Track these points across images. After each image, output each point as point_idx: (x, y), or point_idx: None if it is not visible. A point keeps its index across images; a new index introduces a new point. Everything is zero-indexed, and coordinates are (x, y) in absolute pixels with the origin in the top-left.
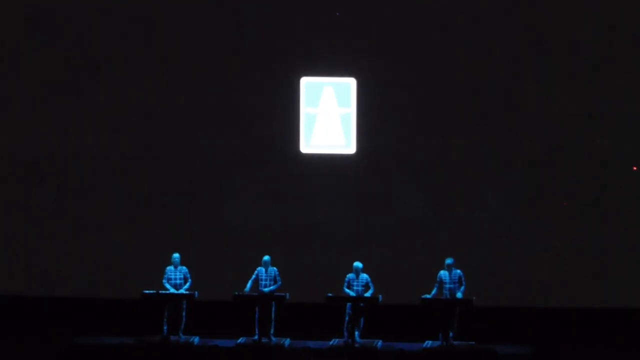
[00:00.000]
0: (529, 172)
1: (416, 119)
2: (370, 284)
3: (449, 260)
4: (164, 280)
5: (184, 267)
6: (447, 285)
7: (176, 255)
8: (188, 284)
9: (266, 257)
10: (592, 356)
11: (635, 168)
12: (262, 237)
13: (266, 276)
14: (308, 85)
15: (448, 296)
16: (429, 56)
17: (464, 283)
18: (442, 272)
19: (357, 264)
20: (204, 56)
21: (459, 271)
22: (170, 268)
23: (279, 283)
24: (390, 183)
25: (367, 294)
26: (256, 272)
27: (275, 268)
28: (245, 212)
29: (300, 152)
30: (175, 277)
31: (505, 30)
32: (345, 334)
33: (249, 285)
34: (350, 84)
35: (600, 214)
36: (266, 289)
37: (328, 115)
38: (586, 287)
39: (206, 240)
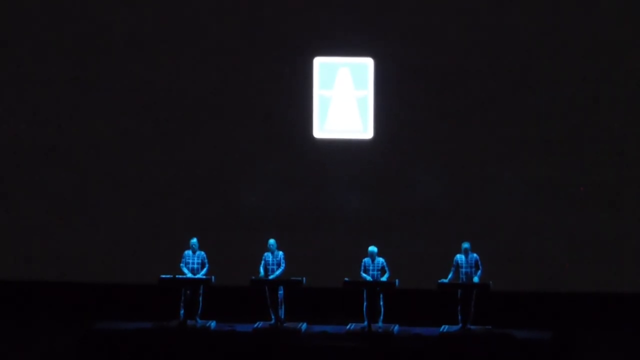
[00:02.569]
0: (547, 157)
1: (435, 102)
2: (386, 268)
3: (465, 244)
4: (181, 265)
5: (202, 252)
6: (464, 269)
7: (194, 240)
8: (205, 269)
9: (271, 241)
10: (610, 341)
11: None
12: (278, 222)
13: (273, 260)
14: (322, 66)
15: (465, 280)
16: (449, 37)
17: (480, 267)
18: (458, 255)
19: (372, 249)
20: (213, 37)
21: (475, 255)
22: (188, 253)
23: (283, 267)
24: (408, 168)
25: (383, 278)
26: (264, 257)
27: (281, 252)
28: (261, 197)
29: (314, 137)
30: (193, 261)
31: (525, 12)
32: (366, 318)
33: (261, 270)
34: (367, 64)
35: (618, 198)
36: (271, 275)
37: (343, 98)
38: (604, 271)
39: (223, 226)
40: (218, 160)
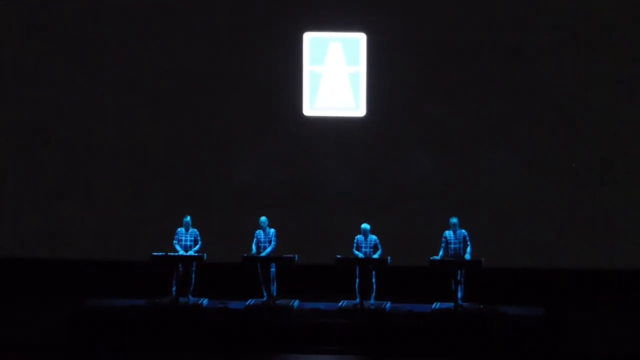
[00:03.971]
0: (539, 133)
1: (429, 78)
2: (379, 245)
3: (453, 220)
4: (174, 242)
5: (195, 230)
6: (452, 245)
7: (187, 217)
8: (198, 246)
9: (262, 219)
10: (601, 318)
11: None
12: (270, 200)
13: (265, 238)
14: (313, 40)
15: (453, 256)
16: (443, 12)
17: (469, 243)
18: (447, 232)
19: (365, 226)
20: (202, 13)
21: (463, 231)
22: (181, 230)
23: (274, 244)
24: (400, 146)
25: (375, 255)
26: (255, 234)
27: (273, 230)
28: (253, 174)
29: (304, 115)
30: (186, 239)
31: None
32: (358, 295)
33: (253, 248)
34: (359, 39)
35: (610, 174)
36: (263, 253)
37: (335, 75)
38: (596, 248)
39: (214, 203)
40: (209, 138)
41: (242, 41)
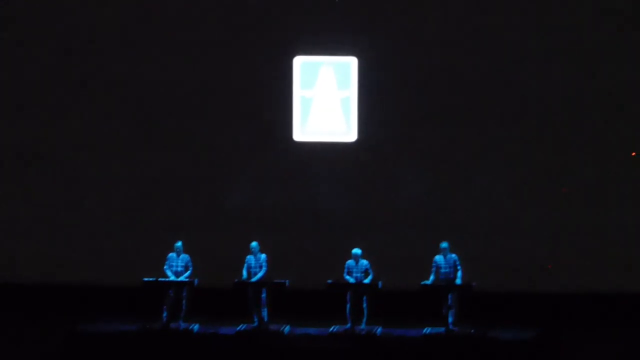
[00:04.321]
0: (530, 157)
1: (420, 102)
2: (370, 270)
3: (443, 244)
4: (165, 267)
5: (186, 255)
6: (443, 270)
7: (179, 243)
8: (189, 272)
9: (253, 244)
10: (594, 340)
11: (634, 154)
12: (261, 225)
13: (255, 263)
14: (303, 65)
15: (443, 280)
16: (434, 37)
17: (459, 268)
18: (437, 256)
19: (356, 251)
20: (194, 37)
21: (454, 255)
22: (172, 255)
23: (265, 269)
24: (392, 170)
25: (366, 280)
26: (246, 259)
27: (264, 255)
28: (244, 199)
29: (294, 140)
30: (177, 264)
31: (510, 14)
32: (349, 320)
33: (244, 273)
34: (350, 63)
35: (601, 198)
36: (254, 278)
37: (326, 99)
38: (587, 271)
39: (206, 227)
40: (200, 163)
41: (232, 66)
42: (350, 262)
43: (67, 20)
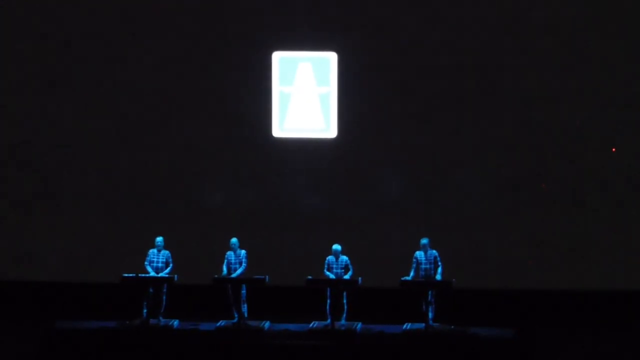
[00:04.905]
0: (509, 154)
1: (400, 99)
2: (350, 266)
3: (424, 241)
4: (145, 263)
5: (167, 251)
6: (423, 266)
7: (159, 238)
8: (169, 268)
9: (233, 240)
10: (572, 338)
11: (614, 149)
12: (240, 221)
13: (235, 259)
14: (282, 60)
15: (423, 276)
16: (414, 32)
17: (440, 264)
18: (417, 252)
19: (336, 247)
20: (171, 32)
21: (434, 252)
22: (153, 251)
23: (244, 265)
24: (371, 167)
25: (346, 276)
26: (226, 255)
27: (244, 251)
28: (223, 195)
29: (273, 137)
30: (157, 260)
31: (489, 9)
32: (329, 316)
33: (224, 269)
34: (330, 59)
35: (580, 195)
36: (233, 274)
37: (305, 95)
38: (566, 269)
39: (185, 224)
40: (179, 159)
41: (209, 61)
42: (330, 258)
43: (49, 17)
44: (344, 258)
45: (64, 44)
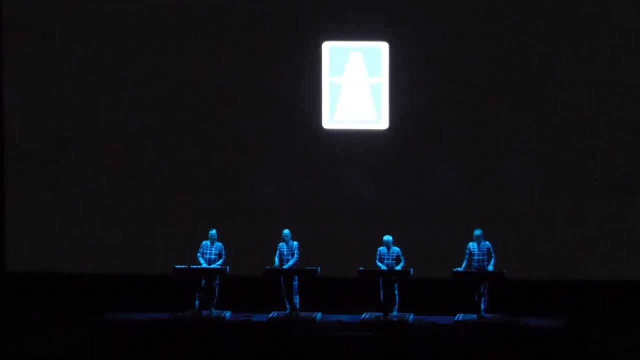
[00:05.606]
0: (561, 144)
1: (452, 89)
2: (402, 257)
3: (477, 232)
4: (198, 255)
5: (220, 244)
6: (476, 257)
7: (213, 231)
8: (222, 260)
9: (285, 231)
10: (623, 330)
11: None
12: (292, 213)
13: (288, 251)
14: (333, 50)
15: (477, 268)
16: (467, 22)
17: (493, 256)
18: (471, 244)
19: (388, 238)
20: (220, 24)
21: (488, 243)
22: (206, 243)
23: (297, 257)
24: (423, 159)
25: (398, 267)
26: (279, 247)
27: (296, 242)
28: (275, 187)
29: (323, 128)
30: (211, 252)
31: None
32: (382, 308)
33: (276, 261)
34: (381, 49)
35: (632, 185)
36: (286, 265)
37: (356, 86)
38: (618, 259)
39: (237, 216)
40: (230, 151)
41: (259, 51)
42: (382, 249)
43: (98, 9)
44: (396, 249)
45: (112, 38)
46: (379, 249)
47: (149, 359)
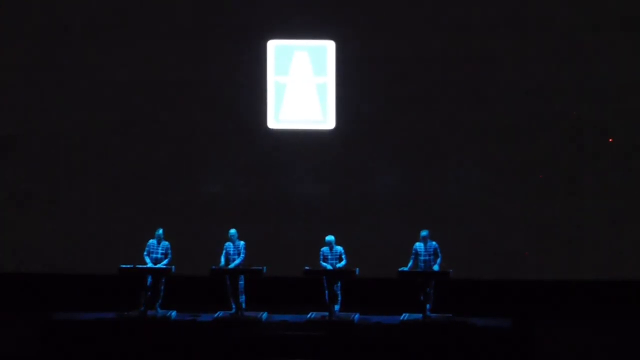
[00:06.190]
0: (506, 144)
1: (399, 89)
2: (344, 256)
3: (424, 232)
4: (144, 253)
5: (166, 243)
6: (422, 257)
7: (160, 230)
8: (168, 259)
9: (232, 231)
10: (569, 328)
11: (611, 140)
12: (238, 212)
13: (234, 250)
14: (278, 49)
15: (423, 268)
16: (414, 21)
17: (439, 255)
18: (417, 244)
19: (330, 238)
20: (160, 20)
21: (434, 243)
22: (152, 242)
23: (243, 256)
24: (369, 159)
25: (339, 265)
26: (225, 246)
27: (242, 242)
28: (220, 186)
29: (268, 128)
30: (157, 251)
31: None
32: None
33: (222, 260)
34: (327, 47)
35: (576, 185)
36: (231, 265)
37: (301, 85)
38: (564, 259)
39: (182, 215)
40: (175, 149)
41: (203, 50)
42: (324, 249)
43: (45, 6)
44: (339, 248)
45: (63, 35)
46: (321, 249)
47: (94, 358)
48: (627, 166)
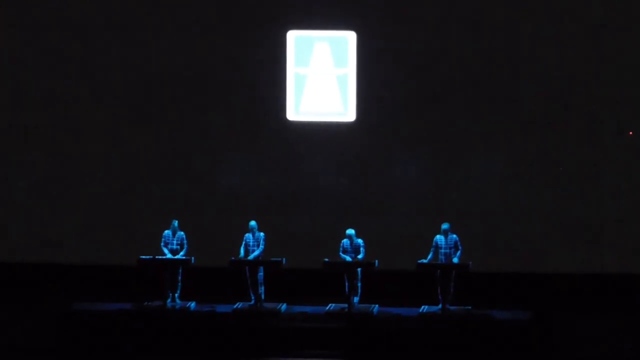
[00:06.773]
0: (528, 137)
1: (420, 81)
2: (362, 249)
3: (445, 225)
4: (162, 244)
5: (182, 233)
6: (443, 250)
7: (175, 221)
8: (184, 250)
9: (252, 223)
10: (588, 321)
11: (631, 133)
12: (257, 204)
13: (253, 241)
14: (298, 40)
15: (444, 261)
16: (435, 12)
17: (460, 248)
18: (438, 236)
19: (350, 231)
20: (179, 11)
21: (454, 236)
22: (168, 233)
23: (262, 248)
24: (390, 151)
25: (359, 256)
26: (244, 238)
27: (262, 233)
28: (239, 178)
29: (288, 120)
30: (172, 242)
31: None
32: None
33: (242, 251)
34: (348, 39)
35: (598, 179)
36: (251, 256)
37: (321, 77)
38: (583, 252)
39: (202, 207)
40: (194, 141)
41: (222, 41)
42: (345, 241)
43: (56, 3)
44: (359, 241)
45: (76, 28)
46: (342, 241)
47: (113, 349)
48: None
